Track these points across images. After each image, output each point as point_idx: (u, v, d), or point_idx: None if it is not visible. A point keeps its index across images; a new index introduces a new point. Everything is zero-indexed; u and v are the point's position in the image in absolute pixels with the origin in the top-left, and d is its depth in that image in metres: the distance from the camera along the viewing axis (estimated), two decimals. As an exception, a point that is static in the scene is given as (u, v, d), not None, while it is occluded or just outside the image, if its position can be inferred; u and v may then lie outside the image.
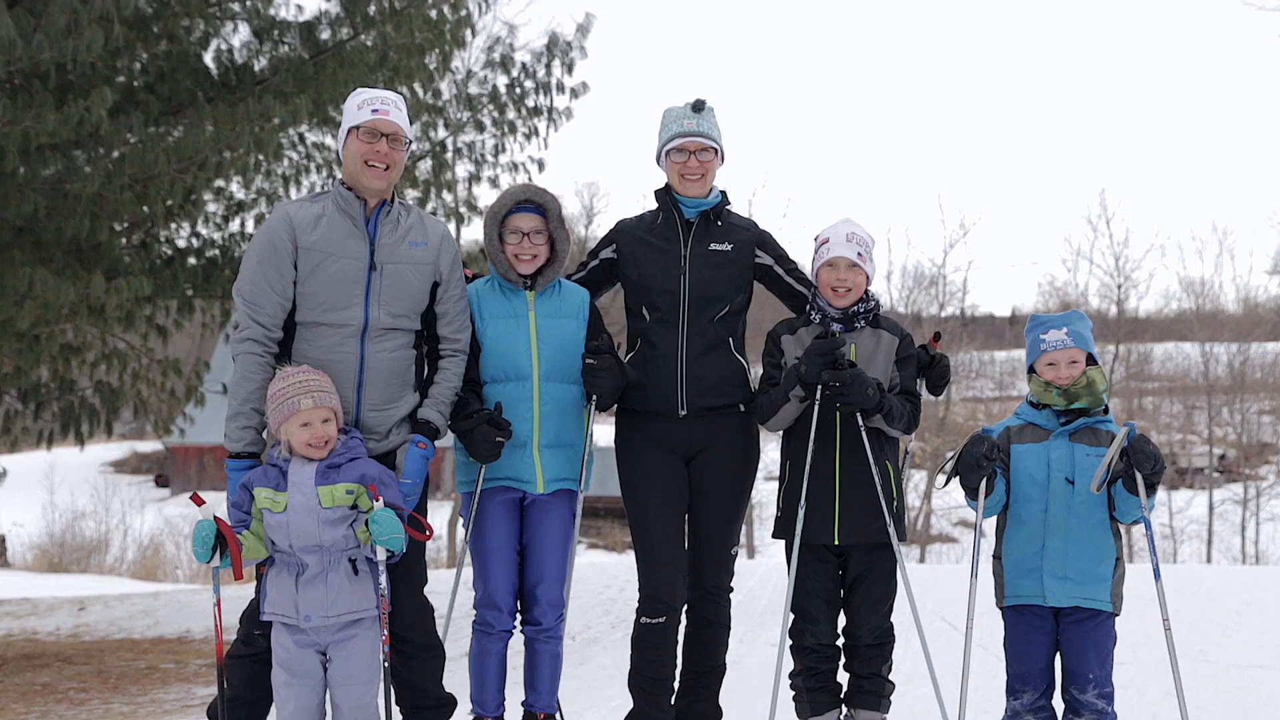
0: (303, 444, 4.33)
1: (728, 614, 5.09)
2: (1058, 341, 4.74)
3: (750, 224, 5.19)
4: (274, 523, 4.34)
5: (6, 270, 8.42)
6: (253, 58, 9.74)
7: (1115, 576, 4.70)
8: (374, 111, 4.54)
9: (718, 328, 4.97)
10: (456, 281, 4.72)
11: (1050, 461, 4.73)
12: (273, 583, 4.42)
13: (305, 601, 4.32)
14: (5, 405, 10.90)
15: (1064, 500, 4.70)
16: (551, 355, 4.77)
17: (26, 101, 7.86)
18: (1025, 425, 4.83)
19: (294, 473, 4.36)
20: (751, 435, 5.10)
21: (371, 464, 4.41)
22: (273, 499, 4.34)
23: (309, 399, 4.33)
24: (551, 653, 4.83)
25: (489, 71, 12.05)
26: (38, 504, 32.38)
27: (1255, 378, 41.36)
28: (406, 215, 4.66)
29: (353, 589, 4.36)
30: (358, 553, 4.39)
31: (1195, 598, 9.79)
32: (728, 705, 5.23)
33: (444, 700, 4.74)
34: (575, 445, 4.83)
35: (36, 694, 8.33)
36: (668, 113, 5.04)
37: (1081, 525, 4.68)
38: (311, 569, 4.34)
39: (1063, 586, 4.66)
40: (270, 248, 4.48)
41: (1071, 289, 39.01)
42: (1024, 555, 4.74)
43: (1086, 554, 4.67)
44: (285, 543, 4.34)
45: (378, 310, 4.51)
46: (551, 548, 4.81)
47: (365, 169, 4.49)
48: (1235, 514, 35.28)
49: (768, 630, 8.47)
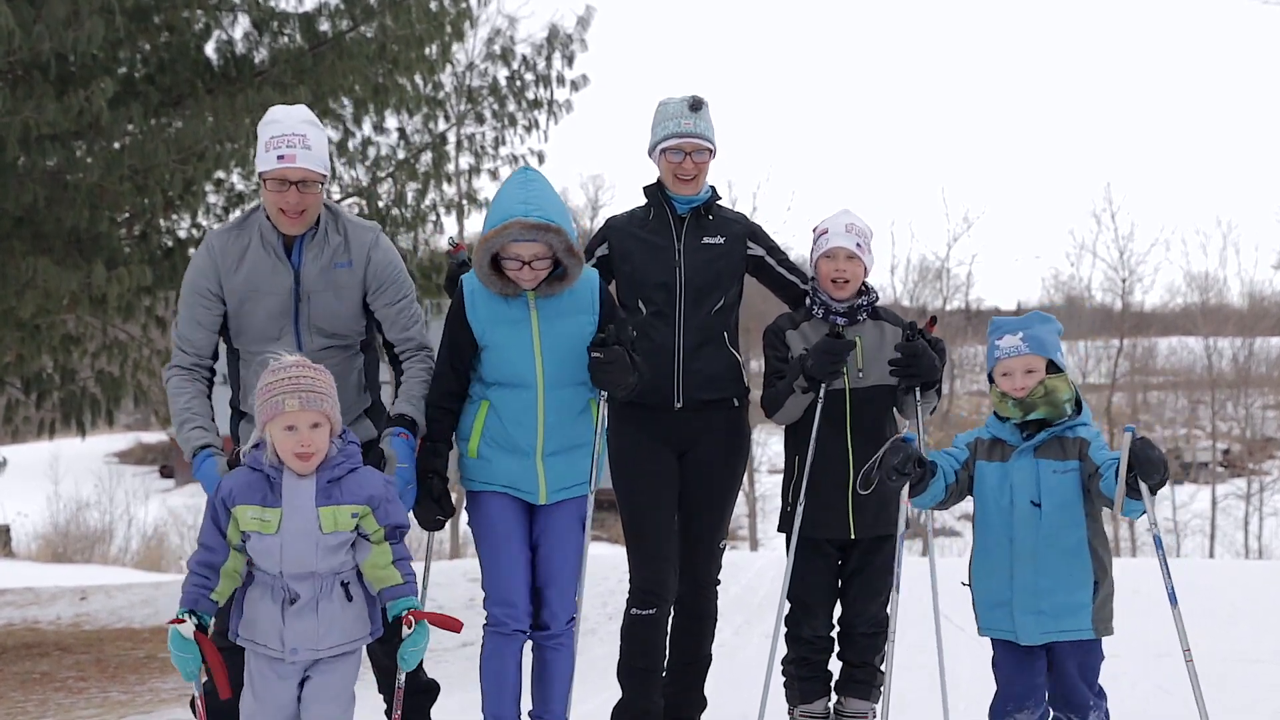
0: (287, 452, 3.77)
1: (716, 606, 5.14)
2: (1012, 348, 4.36)
3: (740, 216, 5.21)
4: (262, 547, 3.77)
5: (8, 260, 8.45)
6: (253, 49, 9.75)
7: (1098, 600, 4.30)
8: (280, 158, 4.35)
9: (714, 321, 4.99)
10: (389, 284, 4.59)
11: (1013, 483, 4.33)
12: (253, 605, 3.85)
13: (293, 634, 3.79)
14: (7, 395, 10.95)
15: (1030, 525, 4.30)
16: (557, 360, 4.43)
17: (27, 92, 7.88)
18: (994, 440, 4.45)
19: (289, 489, 3.79)
20: (743, 430, 5.13)
21: (373, 477, 3.93)
22: (261, 519, 3.76)
23: (295, 399, 3.76)
24: (562, 661, 4.53)
25: (489, 64, 12.07)
26: (42, 494, 32.45)
27: (1259, 372, 41.30)
28: (334, 231, 4.55)
29: (345, 618, 3.85)
30: (350, 575, 3.88)
31: (1194, 592, 9.76)
32: (720, 695, 5.26)
33: (425, 686, 4.75)
34: (583, 446, 4.52)
35: (35, 682, 8.37)
36: (663, 107, 5.01)
37: (1052, 552, 4.27)
38: (303, 598, 3.80)
39: (1036, 622, 4.28)
40: (193, 290, 4.52)
41: (1076, 283, 39.03)
42: (992, 586, 4.37)
43: (1060, 584, 4.26)
44: (275, 569, 3.78)
45: (309, 336, 4.49)
46: (559, 550, 4.51)
47: (280, 216, 4.44)
48: (1238, 509, 35.29)
49: (764, 622, 8.50)
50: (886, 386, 4.88)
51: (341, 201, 10.94)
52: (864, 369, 4.87)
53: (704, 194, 5.03)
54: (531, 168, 4.57)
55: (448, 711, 4.90)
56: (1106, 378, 38.37)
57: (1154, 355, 45.34)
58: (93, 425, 10.77)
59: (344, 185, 11.18)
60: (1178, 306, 43.95)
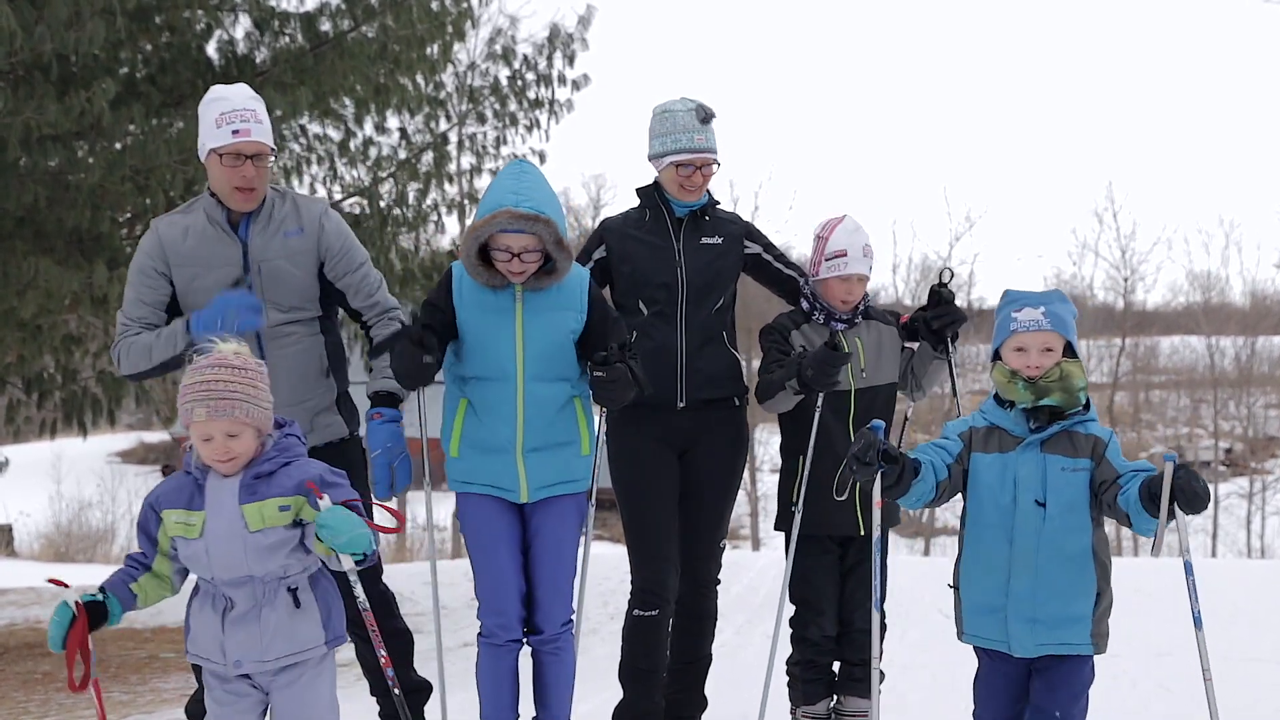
0: (208, 460, 3.53)
1: (716, 605, 5.15)
2: (1032, 322, 3.90)
3: (735, 217, 5.24)
4: (190, 553, 3.53)
5: (9, 260, 8.45)
6: (254, 49, 9.75)
7: (1097, 613, 3.90)
8: (235, 133, 4.37)
9: (714, 320, 5.00)
10: (342, 250, 4.61)
11: (1017, 479, 3.88)
12: (195, 617, 3.63)
13: (234, 645, 3.53)
14: (9, 395, 10.96)
15: (1033, 527, 3.85)
16: (539, 354, 4.32)
17: (28, 93, 7.88)
18: (991, 429, 3.98)
19: (212, 489, 3.52)
20: (743, 429, 5.14)
21: (312, 464, 3.61)
22: (186, 522, 3.52)
23: (203, 408, 3.45)
24: (558, 666, 4.42)
25: (491, 63, 12.07)
26: (44, 494, 32.47)
27: (1262, 371, 41.33)
28: (281, 204, 4.57)
29: (293, 626, 3.55)
30: (300, 580, 3.59)
31: (1195, 591, 9.79)
32: (721, 695, 5.26)
33: (417, 685, 4.75)
34: (568, 444, 4.40)
35: (37, 682, 8.38)
36: (670, 117, 4.93)
37: (1055, 559, 3.85)
38: (240, 605, 3.54)
39: (1030, 632, 3.87)
40: (140, 271, 4.52)
41: (1078, 282, 39.03)
42: (984, 591, 3.95)
43: (1061, 593, 3.85)
44: (206, 574, 3.55)
45: (266, 311, 4.43)
46: (551, 551, 4.39)
47: (234, 193, 4.45)
48: (1240, 508, 35.29)
49: (765, 622, 8.50)
50: (889, 385, 4.97)
51: (342, 201, 10.96)
52: (866, 369, 4.91)
53: (703, 198, 5.03)
54: (526, 159, 4.52)
55: (448, 711, 4.90)
56: (1109, 377, 38.40)
57: (1156, 354, 45.38)
58: (94, 425, 10.78)
59: (345, 185, 11.19)
60: (1180, 305, 44.01)
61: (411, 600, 10.23)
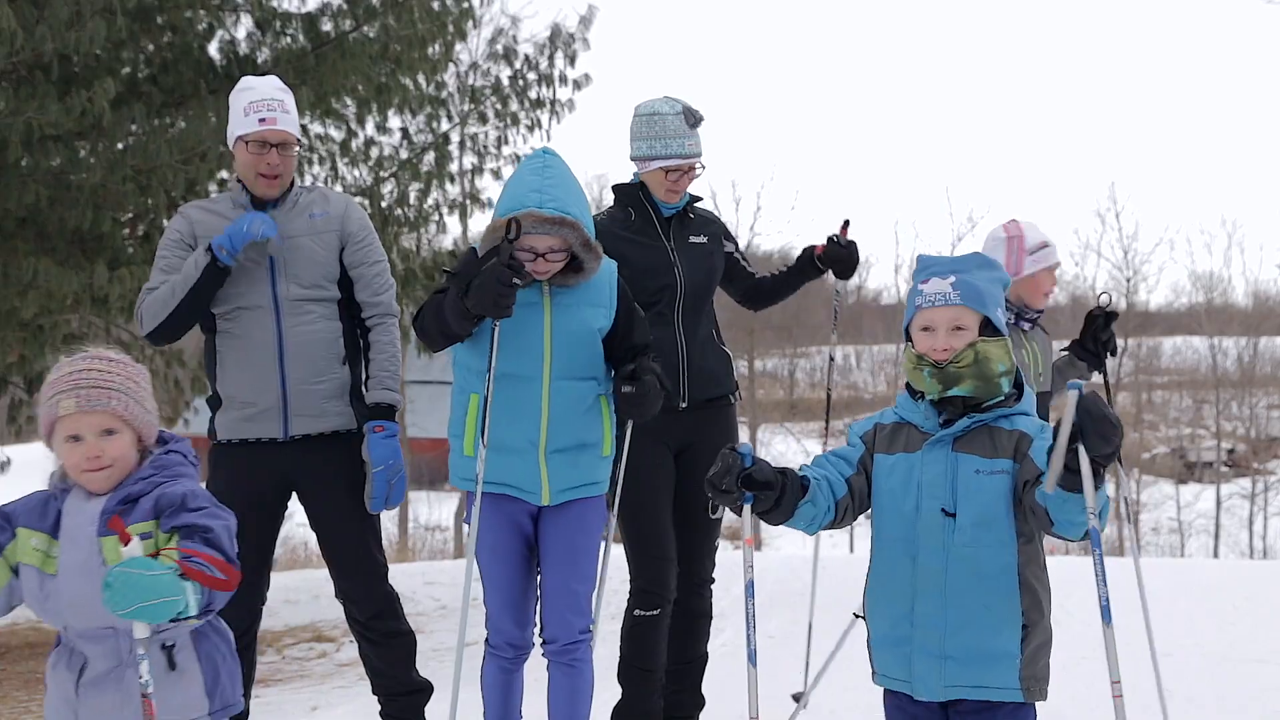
0: (74, 468, 2.88)
1: (711, 604, 5.17)
2: (938, 295, 3.12)
3: (713, 216, 5.27)
4: (43, 593, 2.82)
5: (11, 260, 8.46)
6: (255, 49, 9.76)
7: (1028, 650, 3.09)
8: (261, 121, 4.49)
9: (706, 319, 5.03)
10: (365, 241, 4.69)
11: (921, 483, 3.14)
12: (51, 676, 2.93)
13: (89, 715, 2.83)
14: (10, 394, 10.97)
15: (940, 540, 3.11)
16: (566, 351, 4.09)
17: (29, 93, 7.89)
18: (899, 425, 3.26)
19: (69, 513, 2.84)
20: (733, 425, 5.16)
21: (178, 488, 2.86)
22: (46, 552, 2.83)
23: (72, 399, 2.85)
24: (576, 680, 4.18)
25: (492, 63, 12.09)
26: (47, 494, 32.47)
27: (1264, 372, 41.39)
28: (308, 194, 4.71)
29: (166, 694, 2.81)
30: (178, 634, 2.88)
31: (1194, 591, 9.78)
32: (721, 695, 5.25)
33: (419, 686, 4.76)
34: (592, 445, 4.20)
35: (39, 682, 8.38)
36: (660, 120, 4.86)
37: (967, 580, 3.08)
38: (96, 665, 2.83)
39: (938, 671, 3.10)
40: (166, 245, 4.60)
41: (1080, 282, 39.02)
42: (887, 619, 3.20)
43: (973, 622, 3.07)
44: (58, 621, 2.84)
45: (285, 284, 4.53)
46: (568, 557, 4.18)
47: (258, 179, 4.56)
48: (1243, 508, 35.31)
49: (765, 622, 8.48)
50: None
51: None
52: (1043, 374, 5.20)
53: (684, 197, 5.04)
54: (551, 149, 4.15)
55: (447, 711, 4.90)
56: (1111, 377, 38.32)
57: (1159, 355, 45.41)
58: (96, 425, 10.79)
59: (347, 185, 11.20)
60: (1182, 306, 44.05)
61: (412, 600, 10.23)
